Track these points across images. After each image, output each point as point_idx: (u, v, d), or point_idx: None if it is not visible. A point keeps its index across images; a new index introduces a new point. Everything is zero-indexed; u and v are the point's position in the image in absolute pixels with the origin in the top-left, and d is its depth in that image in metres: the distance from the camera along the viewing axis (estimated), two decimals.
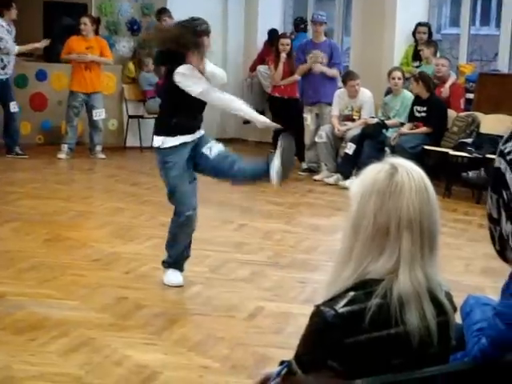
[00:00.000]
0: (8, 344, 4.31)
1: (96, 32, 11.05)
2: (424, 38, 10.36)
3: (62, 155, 10.81)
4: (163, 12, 11.61)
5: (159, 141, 5.46)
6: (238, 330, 4.75)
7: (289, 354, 4.20)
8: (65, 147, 10.87)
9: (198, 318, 4.95)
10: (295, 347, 4.36)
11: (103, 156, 11.00)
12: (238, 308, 5.14)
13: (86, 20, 10.90)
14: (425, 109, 9.41)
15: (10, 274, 5.59)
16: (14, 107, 10.67)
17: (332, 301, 2.06)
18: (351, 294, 2.05)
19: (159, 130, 5.50)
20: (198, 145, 5.42)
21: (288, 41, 10.77)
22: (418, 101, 9.51)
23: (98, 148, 11.07)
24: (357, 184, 2.14)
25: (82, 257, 6.13)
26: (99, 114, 10.99)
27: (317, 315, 2.06)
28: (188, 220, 5.44)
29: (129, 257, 6.18)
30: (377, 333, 2.00)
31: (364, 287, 2.05)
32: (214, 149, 5.40)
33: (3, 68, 10.51)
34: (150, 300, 5.19)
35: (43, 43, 10.91)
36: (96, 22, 11.08)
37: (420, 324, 2.01)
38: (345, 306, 2.03)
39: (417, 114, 9.52)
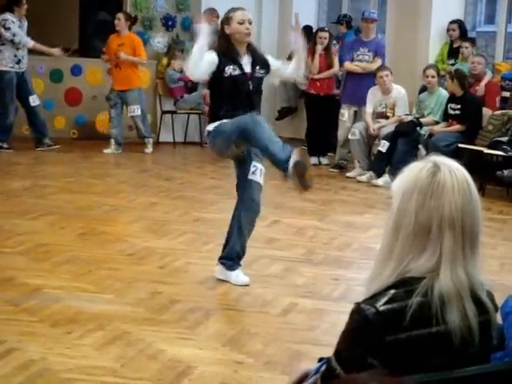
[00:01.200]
0: (45, 336, 4.35)
1: (129, 29, 11.09)
2: (454, 36, 10.30)
3: (107, 150, 10.94)
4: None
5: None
6: (271, 325, 4.76)
7: (323, 351, 4.21)
8: (112, 141, 10.97)
9: (231, 313, 4.97)
10: (329, 344, 4.36)
11: (148, 151, 11.07)
12: (271, 304, 5.15)
13: (120, 15, 10.96)
14: (459, 106, 9.35)
15: (46, 267, 5.64)
16: (33, 101, 10.73)
17: (373, 298, 2.06)
18: (392, 291, 2.04)
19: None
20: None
21: (326, 34, 10.73)
22: (452, 98, 9.45)
23: (147, 141, 11.14)
24: (399, 182, 2.13)
25: (116, 251, 6.17)
26: (134, 111, 11.06)
27: (357, 312, 2.06)
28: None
29: (162, 252, 6.21)
30: (417, 331, 2.00)
31: (405, 285, 2.05)
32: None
33: (18, 62, 10.60)
34: (184, 295, 5.22)
35: (57, 52, 10.93)
36: (130, 18, 11.13)
37: (461, 323, 2.01)
38: (385, 303, 2.03)
39: (451, 112, 9.46)
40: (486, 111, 9.41)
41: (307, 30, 12.17)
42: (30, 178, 8.94)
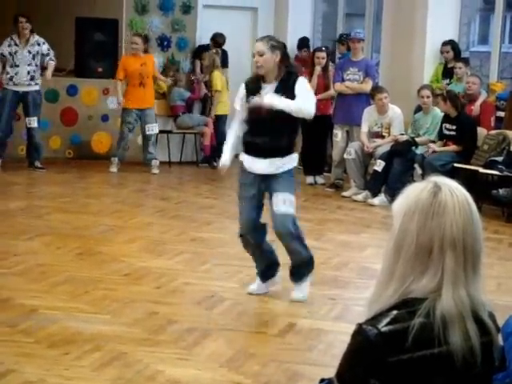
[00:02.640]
0: (42, 358, 4.34)
1: (145, 50, 11.14)
2: (449, 57, 10.36)
3: (114, 168, 10.96)
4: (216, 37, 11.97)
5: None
6: (269, 346, 4.75)
7: (321, 371, 4.21)
8: (115, 160, 10.98)
9: (229, 333, 4.96)
10: (327, 364, 4.35)
11: (155, 171, 11.07)
12: (269, 324, 5.15)
13: (137, 40, 11.00)
14: (454, 127, 9.38)
15: (43, 288, 5.63)
16: (29, 123, 10.72)
17: (374, 319, 2.05)
18: (394, 312, 2.04)
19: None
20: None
21: (324, 54, 10.75)
22: (447, 118, 9.49)
23: (154, 163, 11.13)
24: (399, 202, 2.13)
25: (113, 271, 6.16)
26: (152, 129, 11.09)
27: (359, 333, 2.05)
28: (241, 240, 5.66)
29: (159, 271, 6.21)
30: (420, 352, 1.99)
31: (407, 306, 2.04)
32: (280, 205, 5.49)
33: (11, 79, 10.60)
34: (181, 315, 5.21)
35: None
36: (146, 40, 11.23)
37: (463, 344, 2.00)
38: (387, 324, 2.02)
39: (446, 132, 9.49)
40: (482, 131, 9.44)
41: (304, 41, 12.31)
42: (26, 198, 8.94)
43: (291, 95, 5.37)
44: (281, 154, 5.45)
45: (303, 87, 5.45)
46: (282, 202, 5.46)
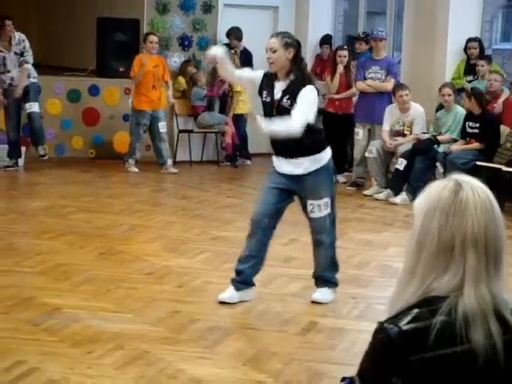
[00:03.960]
0: (66, 356, 4.37)
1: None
2: (475, 54, 10.29)
3: (135, 169, 11.03)
4: (230, 33, 11.99)
5: None
6: (291, 345, 4.76)
7: (343, 370, 4.19)
8: (133, 161, 11.08)
9: (251, 332, 4.97)
10: (349, 363, 4.35)
11: (175, 170, 11.12)
12: (290, 323, 5.15)
13: (155, 39, 11.07)
14: (477, 125, 9.33)
15: (66, 287, 5.67)
16: (29, 107, 10.53)
17: (396, 318, 2.05)
18: (415, 311, 2.04)
19: None
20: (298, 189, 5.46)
21: (345, 52, 10.74)
22: (470, 117, 9.44)
23: (170, 162, 11.21)
24: (420, 201, 2.13)
25: (135, 270, 6.19)
26: (164, 127, 11.17)
27: (380, 332, 2.05)
28: (250, 224, 5.51)
29: (181, 271, 6.22)
30: (442, 350, 1.99)
31: (428, 304, 2.04)
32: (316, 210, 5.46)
33: (10, 85, 10.55)
34: (203, 314, 5.22)
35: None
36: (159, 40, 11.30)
37: (486, 342, 2.00)
38: (409, 323, 2.02)
39: (469, 130, 9.45)
40: (504, 129, 9.38)
41: (326, 38, 12.31)
42: (48, 197, 8.98)
43: (295, 101, 5.27)
44: (305, 154, 5.37)
45: (306, 98, 5.25)
46: (318, 209, 5.43)
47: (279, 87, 5.36)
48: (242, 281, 5.50)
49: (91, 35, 12.21)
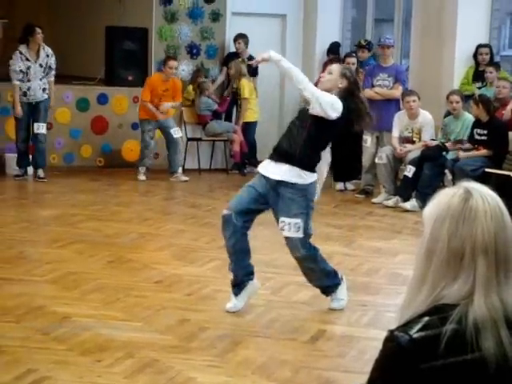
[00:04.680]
0: (76, 365, 4.37)
1: None
2: (486, 60, 10.28)
3: (143, 177, 11.06)
4: (239, 37, 12.01)
5: None
6: (300, 352, 4.75)
7: (352, 378, 4.19)
8: (143, 169, 11.09)
9: (260, 340, 4.96)
10: (359, 371, 4.33)
11: (186, 178, 11.13)
12: (300, 331, 5.14)
13: (176, 64, 11.16)
14: (486, 132, 9.32)
15: (75, 295, 5.68)
16: (37, 128, 10.63)
17: (406, 326, 2.05)
18: (426, 319, 2.03)
19: None
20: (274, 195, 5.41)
21: (354, 60, 10.76)
22: (478, 124, 9.43)
23: (180, 170, 11.22)
24: (430, 208, 2.13)
25: (144, 278, 6.19)
26: (177, 132, 11.20)
27: (391, 340, 2.04)
28: (221, 219, 5.45)
29: (190, 279, 6.23)
30: (452, 358, 1.98)
31: (438, 312, 2.03)
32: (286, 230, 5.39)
33: (24, 95, 10.56)
34: (212, 322, 5.22)
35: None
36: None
37: (497, 350, 1.99)
38: (419, 331, 2.01)
39: (477, 137, 9.43)
40: None
41: (335, 47, 12.31)
42: (58, 206, 9.00)
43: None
44: (294, 163, 5.29)
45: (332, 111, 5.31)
46: (288, 228, 5.35)
47: None
48: (236, 284, 5.50)
49: (100, 44, 12.25)
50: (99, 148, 11.92)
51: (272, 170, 5.38)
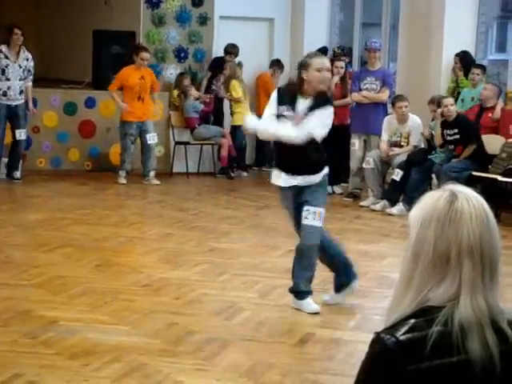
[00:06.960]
0: (63, 369, 4.36)
1: None
2: (458, 69, 10.41)
3: (123, 180, 11.02)
4: (231, 49, 12.06)
5: None
6: (288, 356, 4.76)
7: (340, 381, 4.19)
8: (123, 173, 11.05)
9: (248, 343, 4.96)
10: (347, 374, 4.34)
11: (157, 182, 11.09)
12: (287, 334, 5.15)
13: (148, 56, 11.09)
14: (456, 130, 9.38)
15: (63, 299, 5.66)
16: (19, 135, 10.70)
17: (392, 328, 2.05)
18: (412, 321, 2.04)
19: None
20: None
21: (342, 63, 10.79)
22: (445, 124, 9.48)
23: (152, 174, 11.18)
24: (416, 211, 2.13)
25: (132, 282, 6.19)
26: (153, 138, 11.16)
27: (377, 342, 2.05)
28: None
29: (178, 282, 6.22)
30: (439, 360, 1.99)
31: (425, 314, 2.04)
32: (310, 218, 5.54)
33: (4, 94, 10.59)
34: (200, 325, 5.22)
35: None
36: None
37: (482, 352, 2.00)
38: (405, 333, 2.02)
39: (448, 138, 9.48)
40: (500, 139, 9.42)
41: (323, 51, 12.31)
42: (45, 210, 8.98)
43: None
44: (306, 173, 5.60)
45: (321, 114, 5.47)
46: (312, 217, 5.58)
47: (303, 104, 5.49)
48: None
49: (87, 48, 12.23)
50: (87, 152, 11.90)
51: (291, 180, 5.59)
